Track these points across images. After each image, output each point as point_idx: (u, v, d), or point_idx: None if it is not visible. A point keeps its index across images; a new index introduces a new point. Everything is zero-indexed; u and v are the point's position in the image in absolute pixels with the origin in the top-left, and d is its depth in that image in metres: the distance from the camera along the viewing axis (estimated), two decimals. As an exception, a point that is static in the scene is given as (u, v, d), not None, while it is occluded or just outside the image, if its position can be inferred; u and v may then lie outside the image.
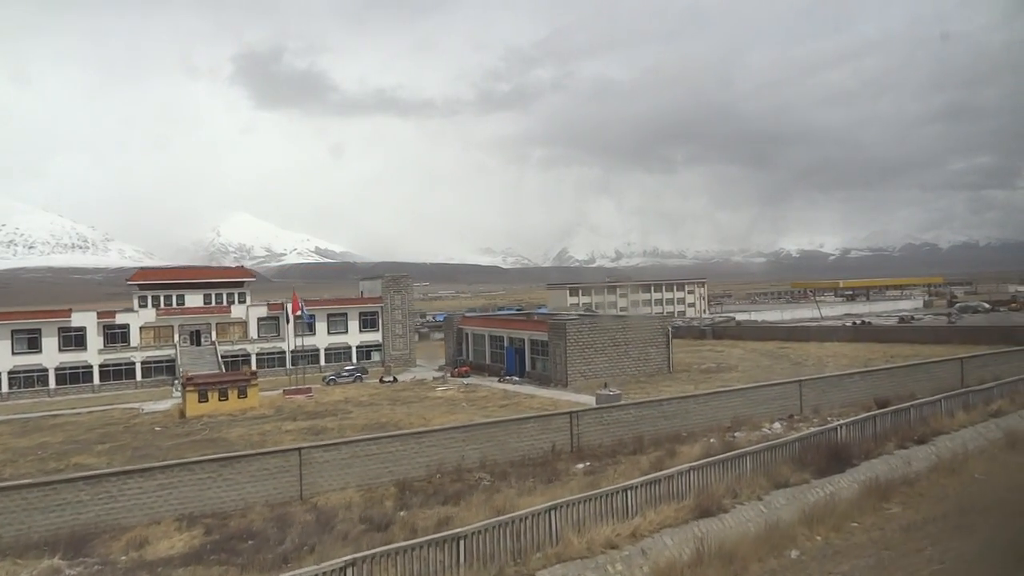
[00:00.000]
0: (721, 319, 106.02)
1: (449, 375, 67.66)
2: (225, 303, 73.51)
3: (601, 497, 19.03)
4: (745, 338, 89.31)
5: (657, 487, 20.31)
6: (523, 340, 63.49)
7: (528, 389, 55.09)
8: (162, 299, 71.44)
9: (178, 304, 71.95)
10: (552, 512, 17.63)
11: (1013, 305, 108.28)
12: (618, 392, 39.30)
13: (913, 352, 64.02)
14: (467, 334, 74.06)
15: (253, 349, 71.11)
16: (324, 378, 66.39)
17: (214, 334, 72.39)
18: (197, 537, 21.86)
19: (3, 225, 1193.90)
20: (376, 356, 78.64)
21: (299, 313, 62.75)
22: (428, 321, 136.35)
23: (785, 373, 56.75)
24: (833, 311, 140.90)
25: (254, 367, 71.34)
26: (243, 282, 76.43)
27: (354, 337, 77.77)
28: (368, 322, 78.62)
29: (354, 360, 77.11)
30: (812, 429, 27.68)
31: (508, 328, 67.24)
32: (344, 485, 25.85)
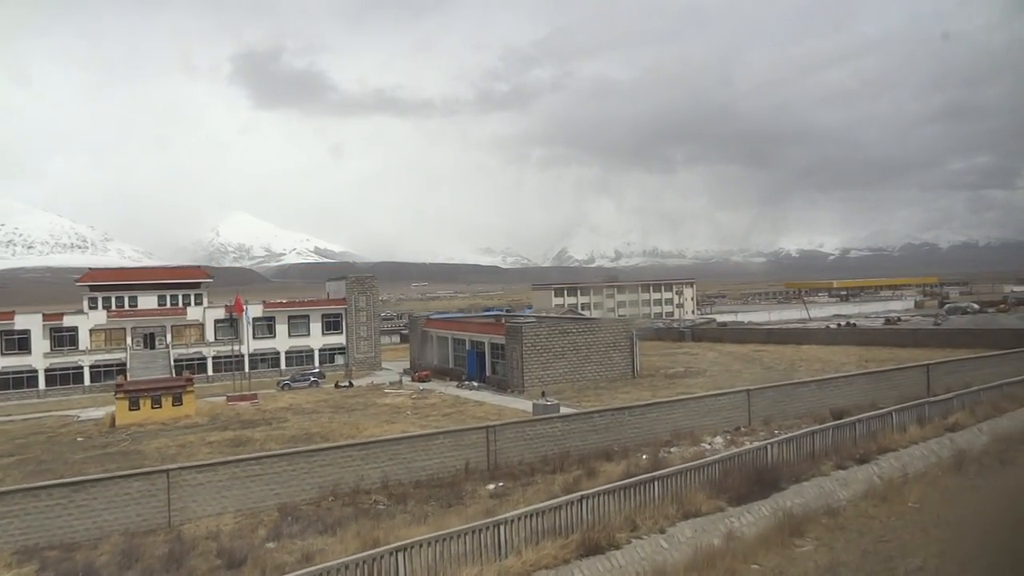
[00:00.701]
0: (702, 320, 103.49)
1: (410, 379, 65.25)
2: (180, 305, 71.04)
3: (469, 533, 16.55)
4: (724, 340, 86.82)
5: (541, 519, 17.81)
6: (484, 344, 61.01)
7: (482, 395, 52.61)
8: (114, 301, 69.01)
9: (131, 306, 69.51)
10: (400, 554, 15.19)
11: (1001, 306, 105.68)
12: (556, 402, 36.80)
13: (891, 356, 61.57)
14: (432, 337, 71.59)
15: (209, 352, 68.61)
16: (279, 382, 63.98)
17: (169, 337, 69.92)
18: (28, 575, 19.38)
19: (2, 225, 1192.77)
20: (340, 359, 76.18)
21: (240, 315, 60.25)
22: (395, 323, 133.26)
23: (754, 378, 54.26)
24: (822, 312, 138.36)
25: (210, 371, 68.97)
26: (200, 283, 73.98)
27: (317, 340, 75.28)
28: (332, 324, 76.12)
29: (316, 364, 74.64)
30: (744, 447, 25.19)
31: (469, 331, 64.76)
32: (221, 510, 23.37)
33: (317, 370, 67.60)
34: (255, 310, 72.95)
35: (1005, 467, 23.42)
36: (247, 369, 71.69)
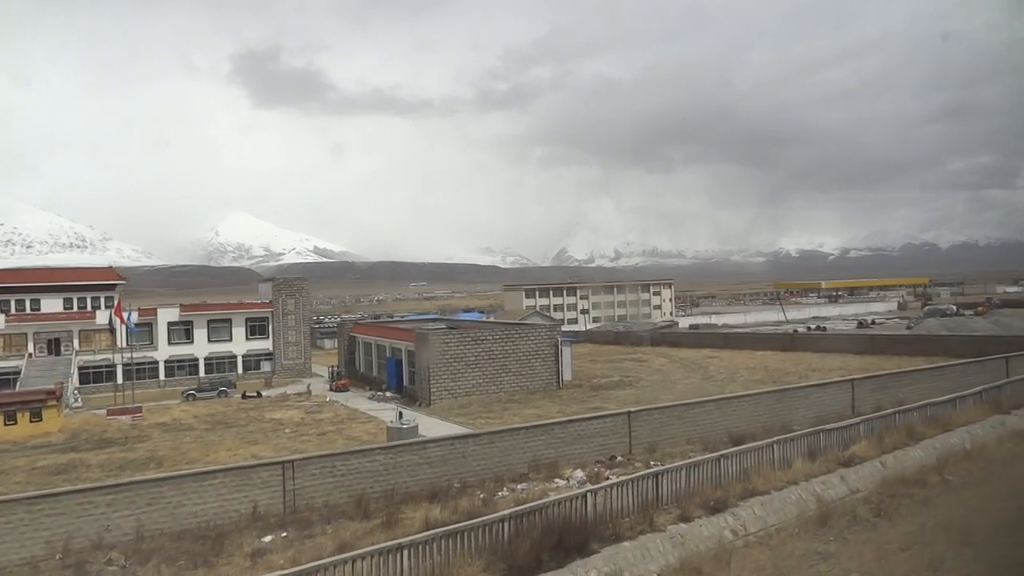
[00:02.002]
0: (664, 323, 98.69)
1: (329, 388, 60.66)
2: (89, 308, 66.46)
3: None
4: (681, 345, 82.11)
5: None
6: (401, 351, 56.37)
7: (385, 409, 47.95)
8: (14, 304, 64.48)
9: (33, 309, 64.94)
10: None
11: (979, 309, 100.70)
12: (414, 424, 32.09)
13: (840, 364, 56.88)
14: (359, 343, 66.96)
15: (119, 359, 64.02)
16: (183, 392, 59.40)
17: (76, 342, 65.30)
18: None
19: (1, 224, 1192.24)
20: (267, 366, 71.57)
21: (122, 322, 55.61)
22: (324, 327, 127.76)
23: (688, 389, 49.69)
24: (801, 314, 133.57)
25: (120, 379, 64.35)
26: (113, 285, 69.38)
27: (240, 345, 70.63)
28: (256, 329, 71.47)
29: (239, 370, 70.06)
30: (565, 493, 20.45)
31: (390, 338, 60.08)
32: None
33: (227, 378, 62.91)
34: (171, 313, 68.34)
35: (879, 523, 18.68)
36: (162, 377, 67.21)
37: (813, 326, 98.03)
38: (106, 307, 66.43)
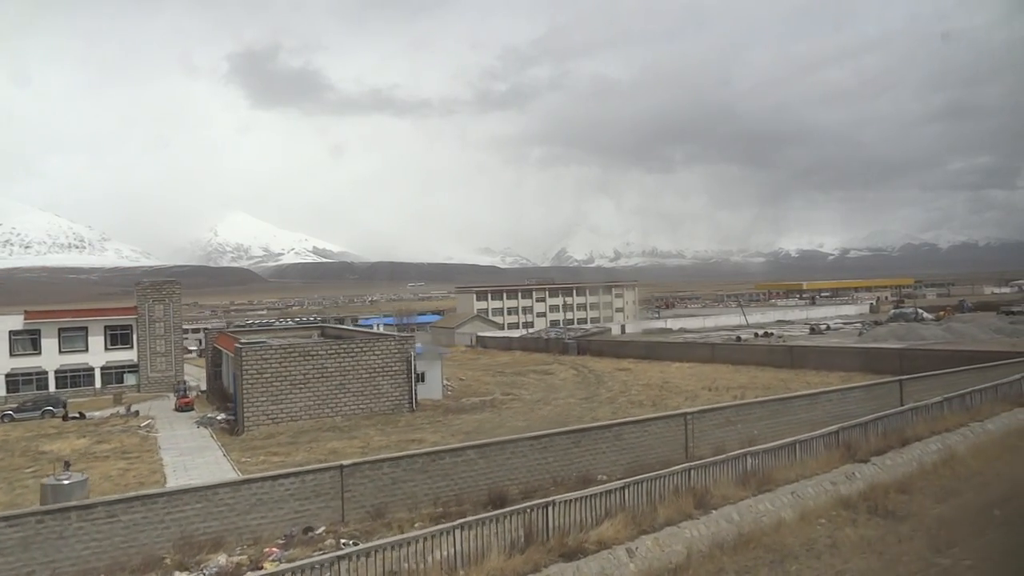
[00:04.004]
0: (596, 330, 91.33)
1: (174, 408, 53.49)
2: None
3: None
4: (604, 354, 74.88)
5: None
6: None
7: (192, 439, 40.69)
8: None
9: None
10: None
11: (940, 314, 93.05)
12: (83, 476, 24.72)
13: (748, 380, 49.85)
14: (224, 356, 59.68)
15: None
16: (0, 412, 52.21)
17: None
18: None
19: (0, 224, 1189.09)
20: (132, 379, 64.37)
21: None
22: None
23: (557, 412, 42.81)
24: (763, 317, 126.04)
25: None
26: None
27: (98, 356, 63.41)
28: (119, 338, 64.28)
29: (98, 383, 62.93)
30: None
31: (232, 351, 52.69)
32: None
33: (56, 396, 55.66)
34: (13, 321, 61.18)
35: None
36: (3, 392, 60.06)
37: (761, 332, 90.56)
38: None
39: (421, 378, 49.75)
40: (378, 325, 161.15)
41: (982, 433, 28.21)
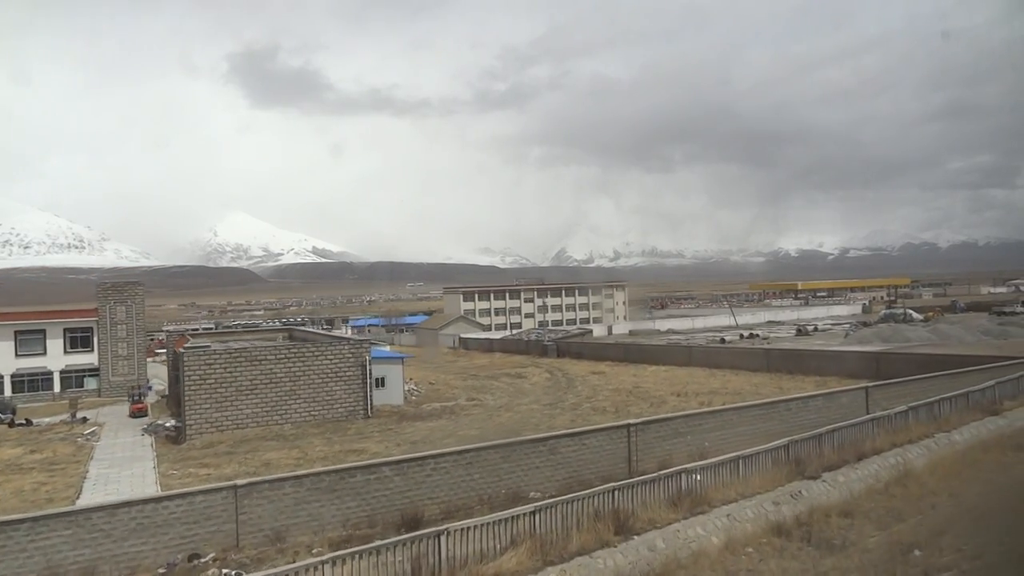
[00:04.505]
0: (577, 331, 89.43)
1: (128, 414, 51.66)
2: None
3: None
4: (584, 356, 73.06)
5: None
6: (195, 370, 47.11)
7: (133, 447, 38.86)
8: None
9: None
10: None
11: (929, 315, 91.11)
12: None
13: (720, 385, 48.20)
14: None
15: None
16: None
17: None
18: None
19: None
20: (93, 383, 62.53)
21: None
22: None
23: (519, 419, 41.10)
24: (754, 318, 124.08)
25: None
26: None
27: (57, 360, 61.56)
28: (79, 340, 62.44)
29: (57, 388, 61.12)
30: None
31: (190, 353, 50.80)
32: None
33: (6, 400, 53.82)
34: (-34, 324, 59.40)
35: None
36: (-44, 397, 58.14)
37: (746, 333, 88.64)
38: None
39: (381, 383, 47.97)
40: (367, 328, 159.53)
41: (947, 445, 26.36)
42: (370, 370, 44.39)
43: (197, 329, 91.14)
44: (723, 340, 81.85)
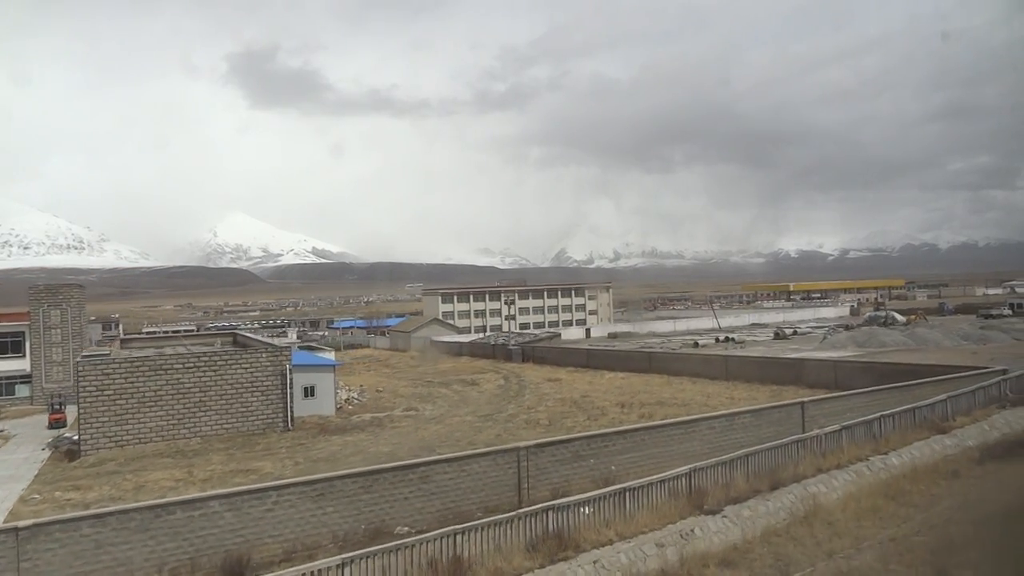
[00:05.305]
0: (545, 335, 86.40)
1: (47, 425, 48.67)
2: None
3: None
4: (547, 361, 70.11)
5: None
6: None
7: (17, 465, 35.88)
8: None
9: None
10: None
11: (912, 317, 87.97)
12: None
13: (671, 395, 44.83)
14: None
15: None
16: None
17: None
18: None
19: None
20: (24, 391, 59.57)
21: None
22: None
23: (443, 432, 37.83)
24: (737, 320, 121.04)
25: None
26: None
27: (-16, 366, 58.68)
28: (9, 346, 59.49)
29: (-13, 396, 58.14)
30: None
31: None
32: None
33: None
34: None
35: None
36: None
37: (722, 337, 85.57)
38: None
39: (310, 392, 45.00)
40: (351, 328, 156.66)
41: (881, 470, 23.35)
42: (291, 379, 41.38)
43: (155, 331, 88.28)
44: (696, 344, 78.88)
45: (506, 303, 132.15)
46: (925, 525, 17.04)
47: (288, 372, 41.28)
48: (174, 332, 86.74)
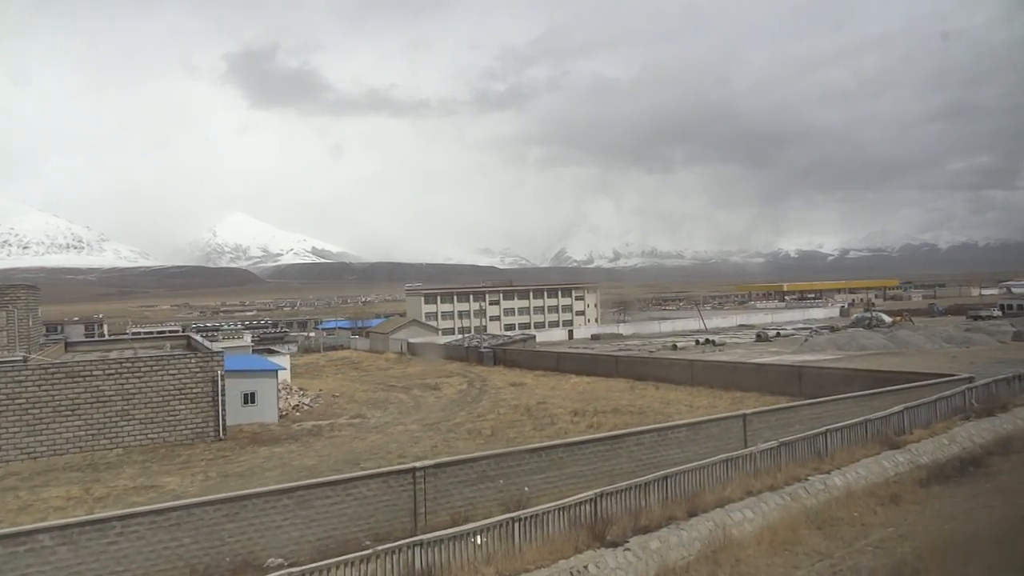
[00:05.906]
0: (520, 336, 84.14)
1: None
2: None
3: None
4: (519, 364, 67.89)
5: None
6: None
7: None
8: None
9: None
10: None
11: (897, 319, 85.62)
12: None
13: (630, 402, 42.51)
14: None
15: None
16: None
17: None
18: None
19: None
20: (-31, 395, 57.21)
21: None
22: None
23: (382, 442, 35.59)
24: (724, 321, 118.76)
25: None
26: None
27: (-73, 370, 56.26)
28: (-47, 349, 57.18)
29: (-72, 401, 55.75)
30: None
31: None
32: None
33: None
34: None
35: None
36: None
37: (702, 339, 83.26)
38: None
39: (251, 399, 42.77)
40: (335, 329, 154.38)
41: (820, 492, 21.00)
42: (222, 386, 39.07)
43: (139, 332, 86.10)
44: (675, 347, 76.62)
45: (490, 303, 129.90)
46: (841, 565, 14.72)
47: (220, 378, 38.97)
48: (134, 335, 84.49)
